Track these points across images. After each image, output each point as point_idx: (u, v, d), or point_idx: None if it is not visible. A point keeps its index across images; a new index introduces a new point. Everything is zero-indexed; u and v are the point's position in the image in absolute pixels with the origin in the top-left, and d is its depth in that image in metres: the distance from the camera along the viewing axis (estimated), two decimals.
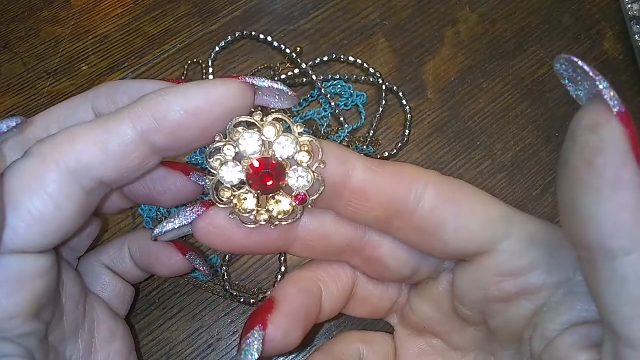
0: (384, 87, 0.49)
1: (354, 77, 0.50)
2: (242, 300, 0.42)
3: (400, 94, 0.50)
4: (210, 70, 0.50)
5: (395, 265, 0.27)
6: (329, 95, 0.49)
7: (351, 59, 0.51)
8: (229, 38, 0.51)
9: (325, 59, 0.51)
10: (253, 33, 0.51)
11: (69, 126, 0.23)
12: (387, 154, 0.48)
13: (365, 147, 0.48)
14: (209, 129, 0.23)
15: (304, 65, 0.50)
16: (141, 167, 0.24)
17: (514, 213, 0.25)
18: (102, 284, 0.34)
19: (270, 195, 0.24)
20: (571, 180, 0.19)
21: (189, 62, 0.50)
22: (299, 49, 0.51)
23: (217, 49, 0.51)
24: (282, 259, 0.43)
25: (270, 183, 0.24)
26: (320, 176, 0.24)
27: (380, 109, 0.49)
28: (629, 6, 0.53)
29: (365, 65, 0.50)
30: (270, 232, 0.25)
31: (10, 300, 0.22)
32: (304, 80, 0.50)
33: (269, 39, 0.51)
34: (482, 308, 0.27)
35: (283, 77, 0.50)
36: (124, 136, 0.22)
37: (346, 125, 0.48)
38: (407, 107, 0.49)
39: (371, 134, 0.48)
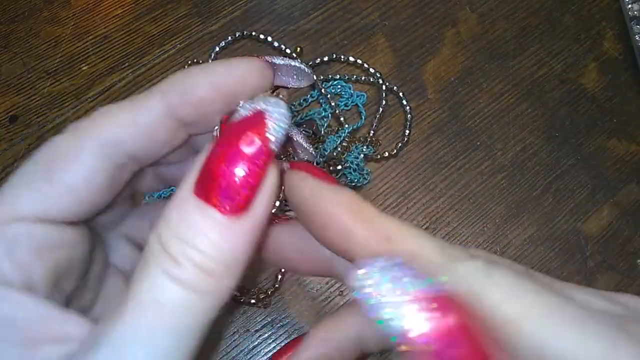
0: (384, 87, 0.49)
1: (354, 77, 0.50)
2: (242, 300, 0.42)
3: (400, 94, 0.50)
4: None
5: None
6: (329, 95, 0.49)
7: (351, 59, 0.51)
8: (229, 38, 0.51)
9: (325, 59, 0.51)
10: (253, 33, 0.51)
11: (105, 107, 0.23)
12: (387, 154, 0.48)
13: (365, 147, 0.48)
14: (231, 103, 0.24)
15: None
16: (169, 141, 0.24)
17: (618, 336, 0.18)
18: (121, 255, 0.32)
19: None
20: None
21: (189, 62, 0.50)
22: (299, 49, 0.51)
23: (217, 49, 0.51)
24: None
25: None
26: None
27: (380, 109, 0.49)
28: (629, 6, 0.53)
29: (365, 65, 0.50)
30: None
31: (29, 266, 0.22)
32: None
33: (269, 39, 0.51)
34: None
35: None
36: (152, 110, 0.23)
37: (346, 125, 0.48)
38: (407, 107, 0.49)
39: (371, 134, 0.48)
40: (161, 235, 0.19)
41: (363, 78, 0.50)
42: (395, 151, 0.48)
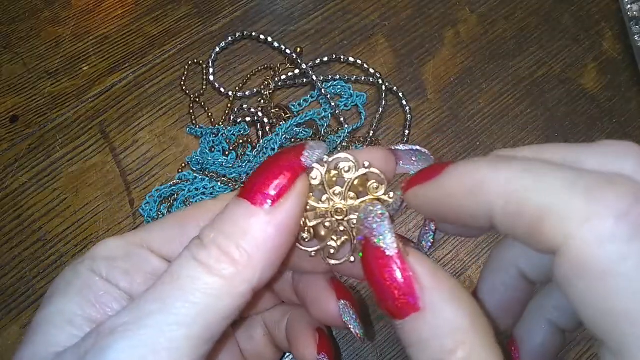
0: (383, 88, 0.50)
1: (354, 77, 0.50)
2: None
3: (400, 94, 0.50)
4: (211, 70, 0.50)
5: None
6: (329, 96, 0.49)
7: (351, 59, 0.51)
8: (229, 38, 0.51)
9: (325, 59, 0.51)
10: (253, 33, 0.51)
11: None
12: None
13: (365, 147, 0.48)
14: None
15: (304, 66, 0.50)
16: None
17: None
18: (251, 338, 0.33)
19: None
20: None
21: (189, 62, 0.51)
22: (299, 49, 0.51)
23: (218, 49, 0.51)
24: None
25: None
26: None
27: (380, 109, 0.49)
28: (629, 7, 0.54)
29: (365, 66, 0.51)
30: None
31: None
32: (304, 80, 0.50)
33: (269, 39, 0.51)
34: None
35: (283, 77, 0.50)
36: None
37: (346, 125, 0.48)
38: (407, 108, 0.49)
39: (371, 134, 0.48)
40: (202, 229, 0.21)
41: (363, 78, 0.50)
42: None
